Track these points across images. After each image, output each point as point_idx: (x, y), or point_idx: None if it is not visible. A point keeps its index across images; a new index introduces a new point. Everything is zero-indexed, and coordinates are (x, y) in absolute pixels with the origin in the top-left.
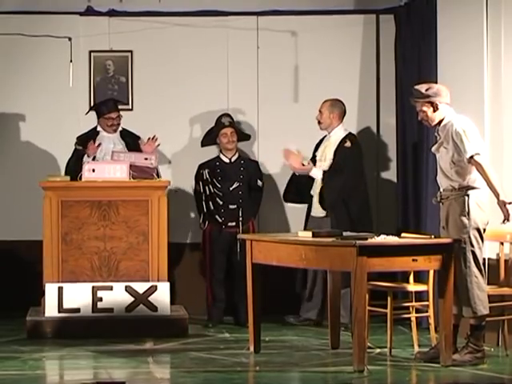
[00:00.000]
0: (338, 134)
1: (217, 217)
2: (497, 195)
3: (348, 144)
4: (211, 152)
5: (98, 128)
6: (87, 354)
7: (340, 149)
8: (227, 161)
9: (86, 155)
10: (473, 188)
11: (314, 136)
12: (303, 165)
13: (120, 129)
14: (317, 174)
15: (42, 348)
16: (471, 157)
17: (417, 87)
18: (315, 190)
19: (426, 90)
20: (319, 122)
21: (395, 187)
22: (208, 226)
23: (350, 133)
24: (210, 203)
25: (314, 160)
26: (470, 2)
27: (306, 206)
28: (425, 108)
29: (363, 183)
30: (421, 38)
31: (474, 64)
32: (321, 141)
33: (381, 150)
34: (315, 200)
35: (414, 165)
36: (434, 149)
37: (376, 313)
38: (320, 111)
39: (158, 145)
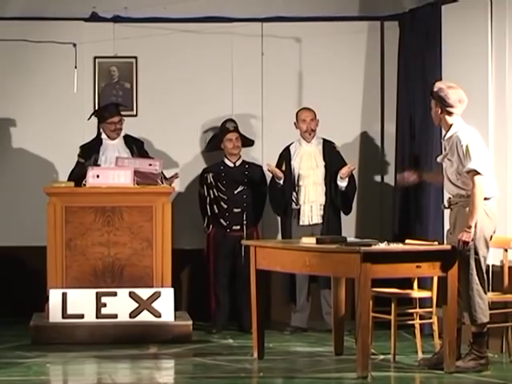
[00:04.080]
0: (316, 141)
1: (221, 220)
2: (470, 222)
3: (338, 148)
4: (215, 157)
5: (102, 136)
6: (91, 359)
7: (333, 153)
8: (231, 165)
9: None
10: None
11: None
12: None
13: (123, 134)
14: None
15: (46, 354)
16: (469, 172)
17: (438, 84)
18: (306, 198)
19: (445, 94)
20: (312, 130)
21: (393, 193)
22: (212, 230)
23: (324, 138)
24: (215, 207)
25: (282, 171)
26: (474, 8)
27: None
28: (433, 106)
29: None
30: (425, 45)
31: (478, 70)
32: (285, 151)
33: (385, 156)
34: (307, 208)
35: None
36: (439, 159)
37: (380, 319)
38: (312, 119)
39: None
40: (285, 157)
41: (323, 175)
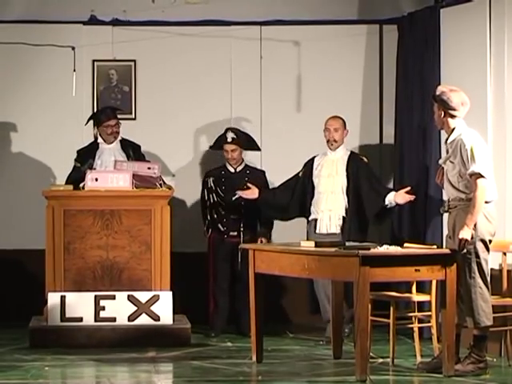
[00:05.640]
0: (341, 151)
1: (219, 225)
2: (468, 223)
3: (365, 160)
4: (215, 162)
5: (99, 140)
6: (89, 362)
7: (360, 164)
8: (232, 170)
9: None
10: None
11: (316, 146)
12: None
13: (119, 138)
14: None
15: (45, 357)
16: (472, 175)
17: (440, 88)
18: (324, 207)
19: (448, 97)
20: (335, 141)
21: None
22: (211, 234)
23: (352, 151)
24: (213, 211)
25: (298, 176)
26: (473, 12)
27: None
28: (436, 110)
29: None
30: (424, 48)
31: (476, 74)
32: (310, 160)
33: (384, 160)
34: (326, 216)
35: (413, 176)
36: (441, 161)
37: (378, 323)
38: (335, 129)
39: None
40: (308, 164)
41: (344, 184)
